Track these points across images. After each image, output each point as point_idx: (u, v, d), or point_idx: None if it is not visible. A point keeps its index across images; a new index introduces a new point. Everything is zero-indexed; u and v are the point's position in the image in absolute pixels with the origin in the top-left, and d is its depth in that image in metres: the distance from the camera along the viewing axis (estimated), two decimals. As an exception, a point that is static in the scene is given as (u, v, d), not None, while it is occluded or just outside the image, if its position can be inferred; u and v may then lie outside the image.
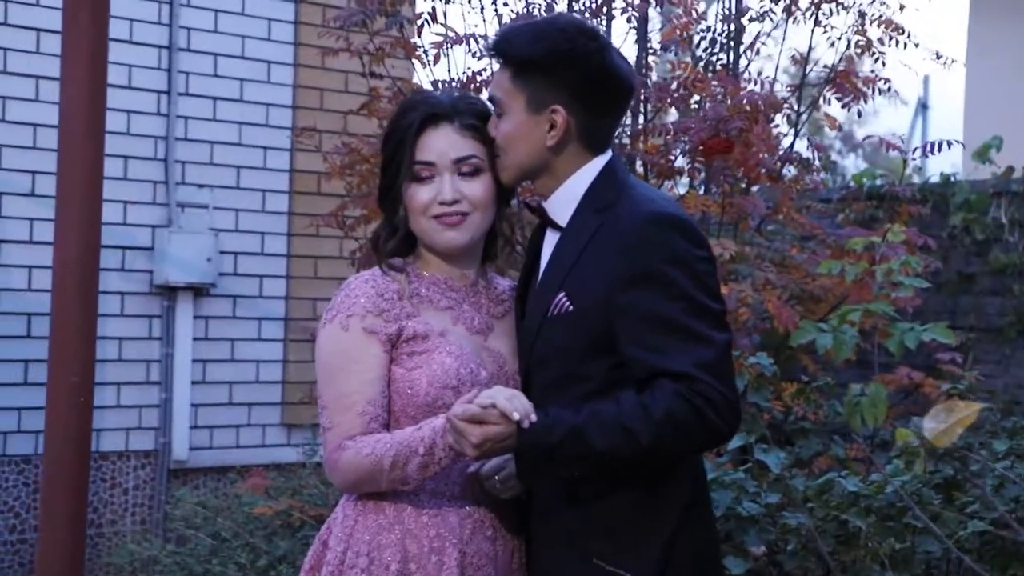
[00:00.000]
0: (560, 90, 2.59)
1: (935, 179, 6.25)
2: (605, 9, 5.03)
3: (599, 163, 2.66)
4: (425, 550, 2.61)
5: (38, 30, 6.19)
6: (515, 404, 2.39)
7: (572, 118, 2.60)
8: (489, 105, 2.70)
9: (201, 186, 6.66)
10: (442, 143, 2.64)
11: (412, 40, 5.22)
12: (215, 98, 6.74)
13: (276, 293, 6.88)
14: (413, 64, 5.65)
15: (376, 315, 2.61)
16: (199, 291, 6.60)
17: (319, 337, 2.66)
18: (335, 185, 5.68)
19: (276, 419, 6.88)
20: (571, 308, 2.56)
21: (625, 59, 2.71)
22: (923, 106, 19.53)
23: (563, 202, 2.66)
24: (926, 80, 19.30)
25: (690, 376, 2.44)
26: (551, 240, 2.68)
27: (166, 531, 5.86)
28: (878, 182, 5.92)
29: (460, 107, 2.67)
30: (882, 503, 3.51)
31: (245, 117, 6.83)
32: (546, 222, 2.70)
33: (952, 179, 6.06)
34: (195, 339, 6.62)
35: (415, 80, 5.70)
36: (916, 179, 7.82)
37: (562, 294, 2.58)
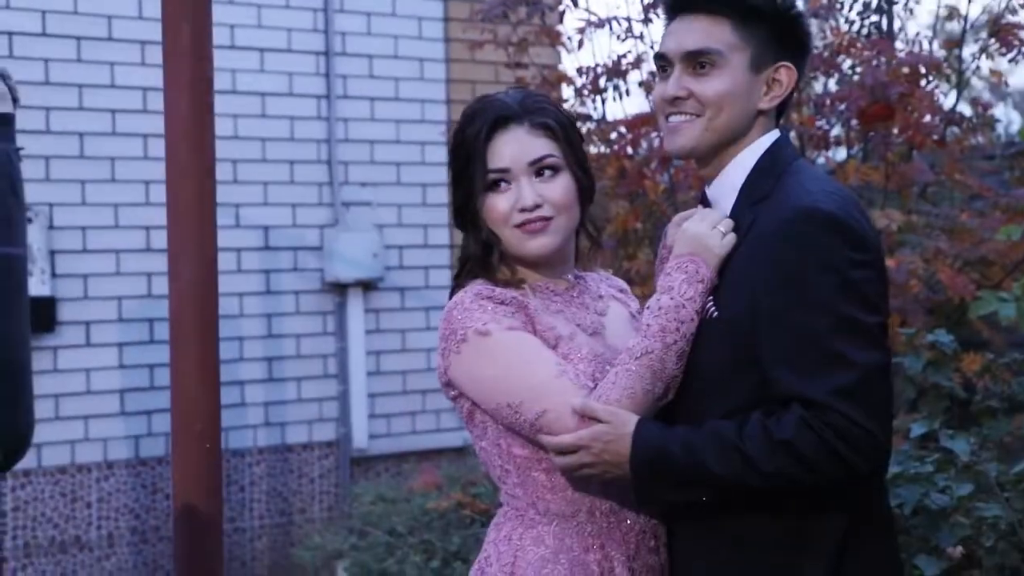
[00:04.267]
0: (786, 46, 2.16)
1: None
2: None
3: (767, 140, 2.18)
4: (596, 574, 2.19)
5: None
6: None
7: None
8: (553, 102, 2.30)
9: (364, 184, 6.37)
10: (514, 147, 2.21)
11: (555, 27, 4.80)
12: (372, 99, 6.42)
13: (441, 283, 6.54)
14: (557, 51, 5.24)
15: (509, 317, 2.20)
16: (368, 286, 6.32)
17: (458, 367, 2.21)
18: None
19: (449, 404, 6.53)
20: (716, 315, 2.10)
21: None
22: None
23: (727, 189, 2.19)
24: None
25: (821, 404, 1.94)
26: None
27: (349, 521, 5.57)
28: (1044, 136, 5.24)
29: (528, 106, 2.23)
30: (1088, 492, 2.97)
31: (402, 115, 6.50)
32: None
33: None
34: (367, 332, 6.35)
35: (560, 67, 5.28)
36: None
37: (710, 299, 2.13)
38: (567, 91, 4.77)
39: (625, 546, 2.22)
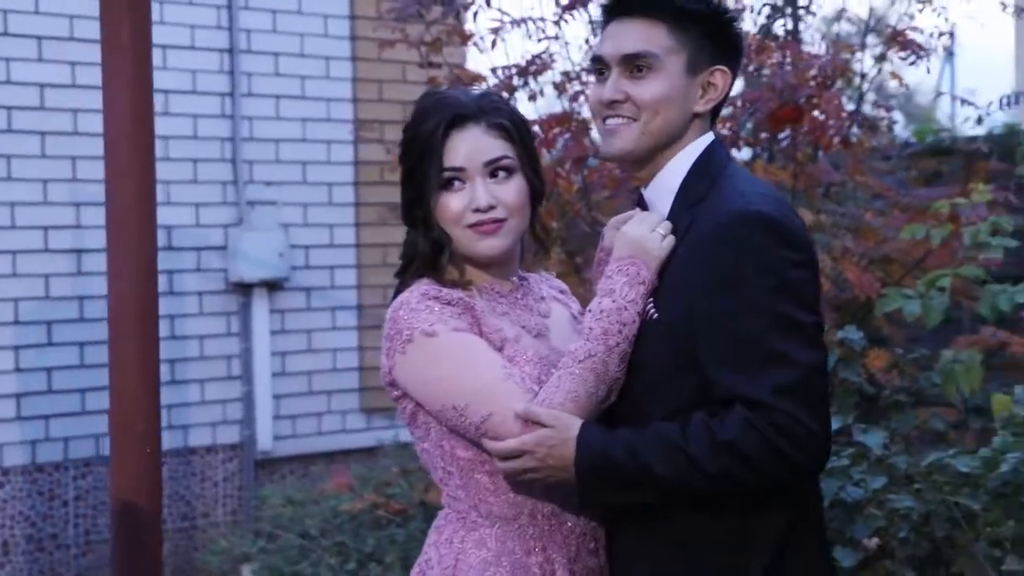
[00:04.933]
0: (720, 50, 2.18)
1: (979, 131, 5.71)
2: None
3: (703, 143, 2.20)
4: None
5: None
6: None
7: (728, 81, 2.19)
8: (509, 103, 2.30)
9: (269, 184, 6.29)
10: (471, 146, 2.20)
11: (463, 27, 4.80)
12: (278, 96, 6.34)
13: (348, 283, 6.51)
14: (464, 51, 5.23)
15: (455, 319, 2.19)
16: (273, 286, 6.24)
17: (403, 367, 2.19)
18: (394, 173, 5.27)
19: (355, 405, 6.52)
20: (656, 317, 2.11)
21: None
22: (949, 54, 18.70)
23: (663, 192, 2.20)
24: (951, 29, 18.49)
25: (764, 404, 1.96)
26: None
27: (256, 524, 5.50)
28: (940, 137, 5.40)
29: (485, 106, 2.22)
30: (996, 482, 3.05)
31: (308, 114, 6.43)
32: None
33: (1015, 129, 5.53)
34: (272, 332, 6.27)
35: (468, 66, 5.27)
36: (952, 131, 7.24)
37: (650, 301, 2.13)
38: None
39: (566, 548, 2.23)
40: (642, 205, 2.26)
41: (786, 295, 2.01)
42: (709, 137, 2.22)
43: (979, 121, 4.45)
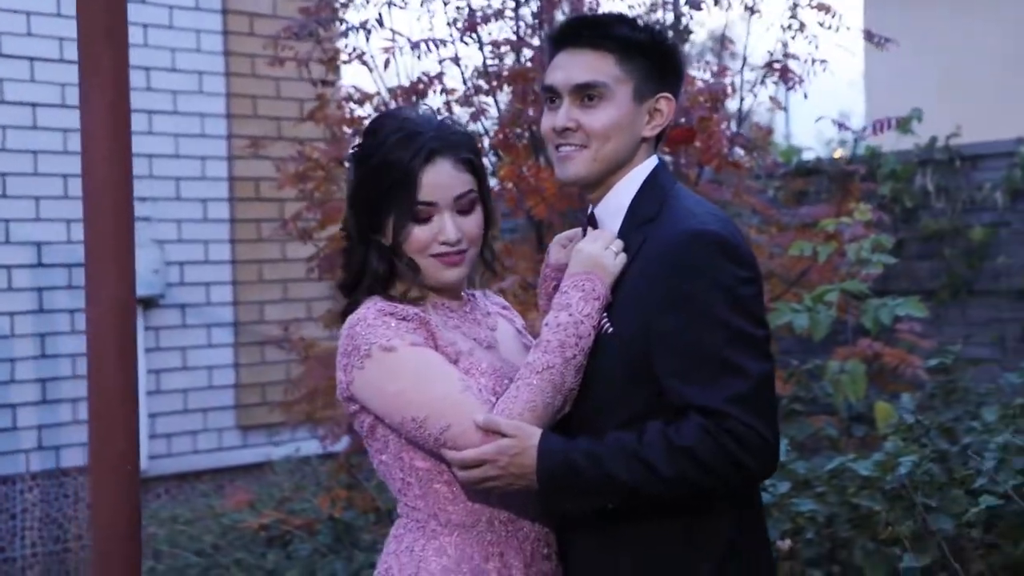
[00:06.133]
0: (664, 78, 2.28)
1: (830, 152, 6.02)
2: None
3: (649, 166, 2.32)
4: None
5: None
6: None
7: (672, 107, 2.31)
8: (466, 130, 2.40)
9: (143, 199, 6.18)
10: (444, 180, 2.27)
11: (349, 48, 4.81)
12: (150, 112, 6.25)
13: (223, 299, 6.45)
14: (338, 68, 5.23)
15: (412, 333, 2.25)
16: (148, 303, 6.15)
17: (361, 382, 2.24)
18: (279, 191, 5.27)
19: (231, 423, 6.45)
20: (611, 330, 2.22)
21: None
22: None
23: (612, 211, 2.31)
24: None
25: (720, 412, 2.08)
26: None
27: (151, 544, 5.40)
28: (804, 157, 5.67)
29: (450, 138, 2.29)
30: (893, 484, 3.25)
31: (181, 129, 6.35)
32: None
33: (876, 151, 5.84)
34: (147, 350, 6.17)
35: (343, 85, 5.27)
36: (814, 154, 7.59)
37: (605, 315, 2.24)
38: (368, 108, 4.81)
39: (522, 554, 2.30)
40: (592, 222, 2.36)
41: (737, 310, 2.14)
42: (655, 160, 2.34)
43: (856, 143, 4.70)
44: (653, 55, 2.30)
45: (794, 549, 3.22)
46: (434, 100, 4.59)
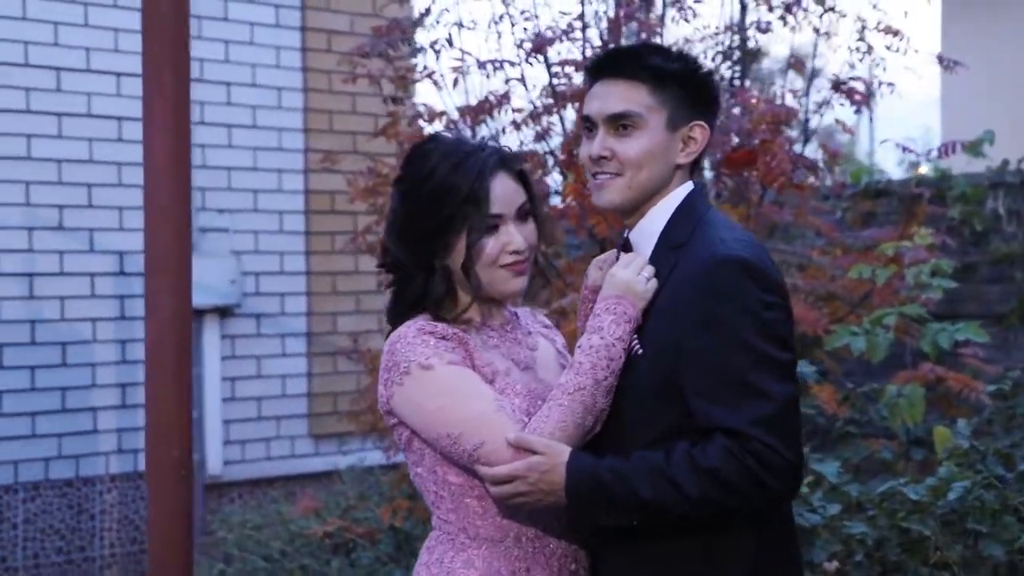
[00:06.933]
0: (698, 105, 2.34)
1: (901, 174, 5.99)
2: (616, 26, 4.73)
3: (683, 191, 2.37)
4: None
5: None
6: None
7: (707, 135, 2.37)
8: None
9: (221, 211, 6.36)
10: (509, 192, 2.36)
11: (420, 67, 4.92)
12: (230, 126, 6.43)
13: (297, 310, 6.60)
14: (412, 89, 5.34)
15: (450, 352, 2.32)
16: (224, 312, 6.32)
17: (400, 398, 2.33)
18: (352, 204, 5.41)
19: (304, 431, 6.59)
20: (640, 352, 2.28)
21: None
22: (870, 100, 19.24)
23: (646, 236, 2.37)
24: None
25: (744, 434, 2.13)
26: None
27: (210, 549, 5.54)
28: (875, 178, 5.65)
29: (506, 154, 2.40)
30: (945, 509, 3.26)
31: (259, 143, 6.52)
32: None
33: (946, 174, 5.81)
34: (223, 358, 6.34)
35: (418, 103, 5.39)
36: (884, 175, 7.54)
37: (635, 337, 2.30)
38: (438, 126, 4.91)
39: (548, 570, 2.36)
40: (627, 246, 2.43)
41: (763, 334, 2.19)
42: (689, 185, 2.40)
43: (917, 166, 4.69)
44: (687, 84, 2.35)
45: (841, 571, 3.24)
46: (501, 119, 4.68)
